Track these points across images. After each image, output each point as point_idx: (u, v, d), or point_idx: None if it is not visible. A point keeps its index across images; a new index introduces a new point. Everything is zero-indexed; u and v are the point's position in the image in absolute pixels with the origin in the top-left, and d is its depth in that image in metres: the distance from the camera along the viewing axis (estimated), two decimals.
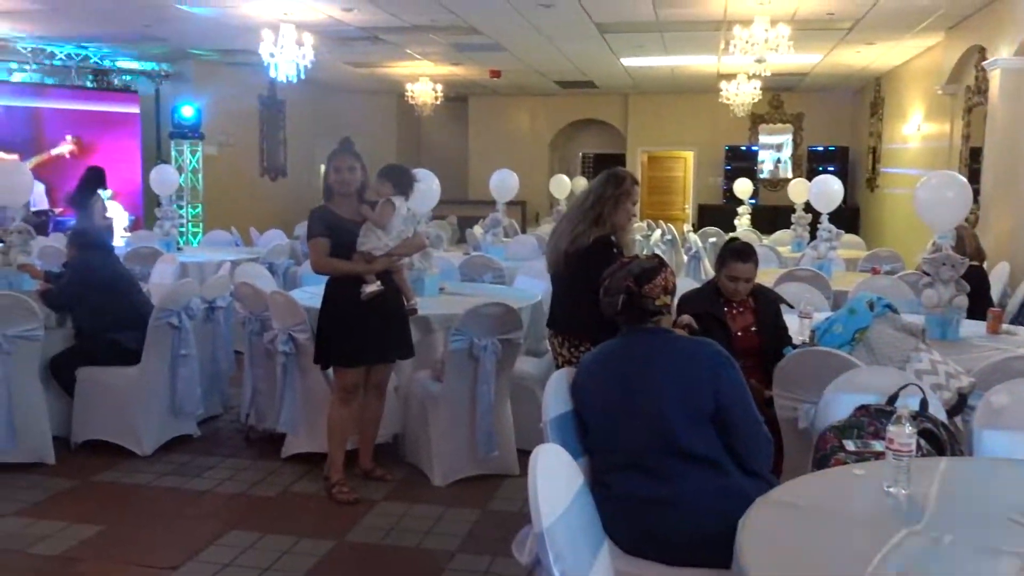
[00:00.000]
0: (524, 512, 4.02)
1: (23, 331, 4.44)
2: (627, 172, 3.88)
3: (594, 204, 3.72)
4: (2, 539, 3.74)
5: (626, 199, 3.74)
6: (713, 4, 8.19)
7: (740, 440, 2.47)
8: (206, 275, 6.41)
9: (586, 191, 3.87)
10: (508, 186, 8.40)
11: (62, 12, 8.61)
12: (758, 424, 2.52)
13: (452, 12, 8.62)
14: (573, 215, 3.79)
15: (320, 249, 4.04)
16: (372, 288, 4.04)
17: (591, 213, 3.70)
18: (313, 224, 4.09)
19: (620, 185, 3.74)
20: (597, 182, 3.81)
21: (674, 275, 2.69)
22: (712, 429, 2.45)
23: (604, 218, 3.69)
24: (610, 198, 3.71)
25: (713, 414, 2.44)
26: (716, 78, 12.43)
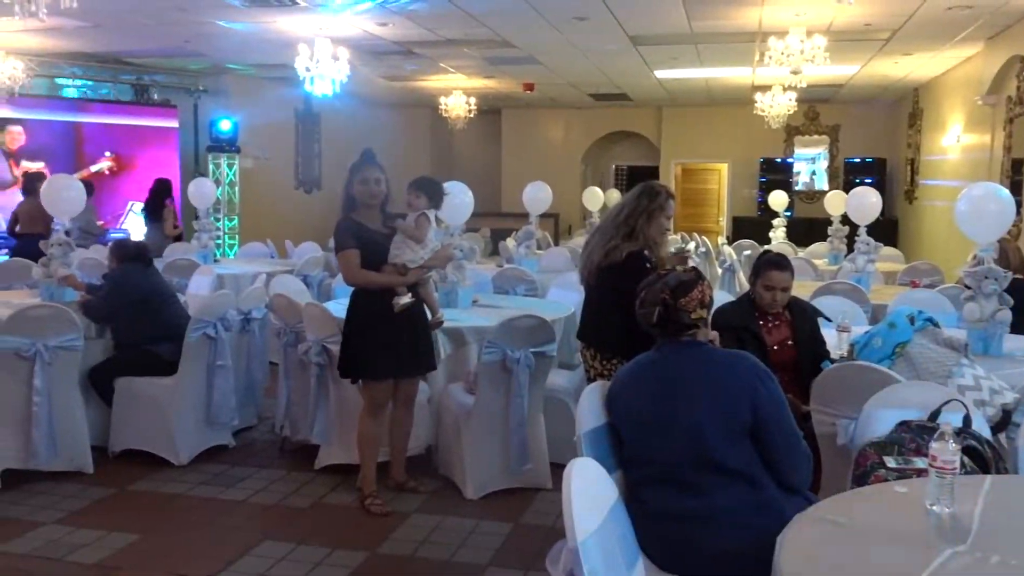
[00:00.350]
0: (557, 526, 4.01)
1: (63, 341, 4.51)
2: (663, 186, 3.83)
3: (627, 217, 3.68)
4: (42, 547, 3.79)
5: (660, 213, 3.69)
6: (748, 15, 8.14)
7: (778, 455, 2.43)
8: (242, 287, 6.47)
9: (620, 204, 3.83)
10: (541, 199, 8.40)
11: (104, 28, 8.78)
12: (797, 439, 2.48)
13: (486, 26, 8.67)
14: (606, 229, 3.75)
15: (352, 261, 4.02)
16: (405, 300, 4.05)
17: (624, 227, 3.66)
18: (342, 236, 4.06)
19: (655, 199, 3.69)
20: (631, 195, 3.77)
21: (711, 288, 2.66)
22: (750, 443, 2.41)
23: (637, 232, 3.65)
24: (644, 211, 3.67)
25: (751, 428, 2.40)
26: (751, 90, 12.34)
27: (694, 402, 2.42)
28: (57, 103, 10.88)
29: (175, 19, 8.42)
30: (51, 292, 5.39)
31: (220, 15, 8.17)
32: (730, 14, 8.14)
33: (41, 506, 4.24)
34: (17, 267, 7.06)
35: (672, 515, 2.36)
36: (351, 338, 4.14)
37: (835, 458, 3.07)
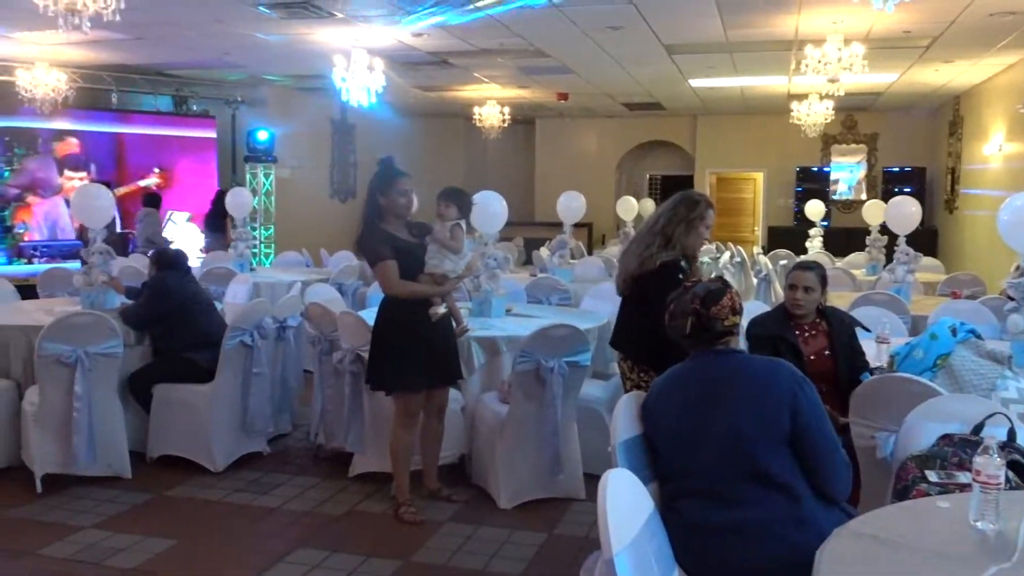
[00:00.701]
0: (591, 537, 3.98)
1: (104, 348, 4.58)
2: (702, 195, 3.77)
3: (664, 226, 3.62)
4: (80, 551, 3.84)
5: (700, 223, 3.62)
6: (784, 24, 8.08)
7: (818, 463, 2.39)
8: (278, 295, 6.54)
9: (657, 213, 3.77)
10: (575, 208, 8.39)
11: (145, 41, 8.94)
12: (836, 446, 2.44)
13: (520, 36, 8.69)
14: (643, 237, 3.70)
15: (392, 272, 3.99)
16: (442, 310, 4.07)
17: (661, 236, 3.60)
18: (378, 247, 4.02)
19: (694, 208, 3.63)
20: (669, 204, 3.71)
21: (739, 295, 2.65)
22: (789, 452, 2.38)
23: (675, 241, 3.58)
24: (682, 220, 3.61)
25: (790, 436, 2.37)
26: (787, 98, 12.24)
27: (732, 410, 2.40)
28: (99, 114, 11.09)
29: (214, 31, 8.55)
30: (92, 300, 5.48)
31: (258, 27, 8.28)
32: (766, 22, 8.09)
33: (80, 510, 4.30)
34: (59, 275, 7.19)
35: (708, 527, 2.33)
36: (384, 351, 4.12)
37: (875, 471, 3.02)
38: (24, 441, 4.60)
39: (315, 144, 13.76)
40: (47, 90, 9.54)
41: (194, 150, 11.92)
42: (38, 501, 4.40)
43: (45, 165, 10.63)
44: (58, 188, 10.63)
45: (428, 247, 4.12)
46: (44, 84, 9.53)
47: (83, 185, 7.02)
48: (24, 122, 10.26)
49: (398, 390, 4.15)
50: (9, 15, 7.58)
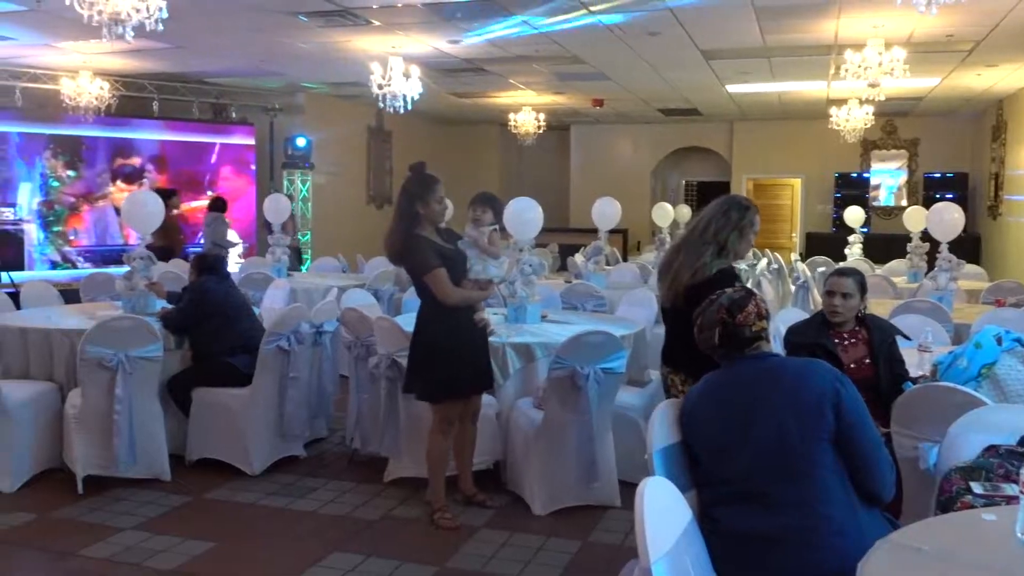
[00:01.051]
0: (626, 545, 3.96)
1: (144, 352, 4.64)
2: (749, 200, 3.62)
3: (716, 233, 3.41)
4: (121, 552, 3.90)
5: (750, 229, 3.46)
6: (824, 28, 8.00)
7: (862, 461, 2.36)
8: (314, 300, 6.58)
9: (703, 220, 3.51)
10: (610, 214, 8.37)
11: (186, 50, 9.08)
12: (880, 445, 2.42)
13: (556, 42, 8.69)
14: (693, 246, 3.45)
15: (445, 280, 3.97)
16: (484, 316, 4.09)
17: (714, 243, 3.40)
18: (425, 255, 3.99)
19: (745, 213, 3.45)
20: (716, 210, 3.48)
21: (764, 301, 2.66)
22: (833, 450, 2.35)
23: (728, 248, 3.40)
24: (735, 227, 3.41)
25: (834, 434, 2.35)
26: (826, 103, 12.11)
27: (774, 411, 2.38)
28: (141, 122, 11.27)
29: (253, 40, 8.66)
30: (133, 304, 5.56)
31: (297, 35, 8.38)
32: (805, 27, 8.00)
33: (120, 512, 4.37)
34: (101, 279, 7.31)
35: (749, 535, 2.30)
36: (433, 360, 4.07)
37: (917, 483, 2.97)
38: (66, 443, 4.68)
39: (352, 151, 13.88)
40: (90, 98, 9.73)
41: (234, 157, 12.08)
42: (80, 502, 4.47)
43: (93, 173, 10.83)
44: (107, 195, 10.82)
45: (468, 253, 4.14)
46: (88, 92, 9.72)
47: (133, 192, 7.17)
48: (68, 130, 10.46)
49: (448, 399, 4.13)
50: (54, 25, 7.75)
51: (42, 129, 10.45)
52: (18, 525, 4.20)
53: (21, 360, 5.01)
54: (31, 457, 4.72)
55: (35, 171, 10.36)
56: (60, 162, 10.56)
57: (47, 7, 6.96)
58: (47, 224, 10.36)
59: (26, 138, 10.31)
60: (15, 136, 10.20)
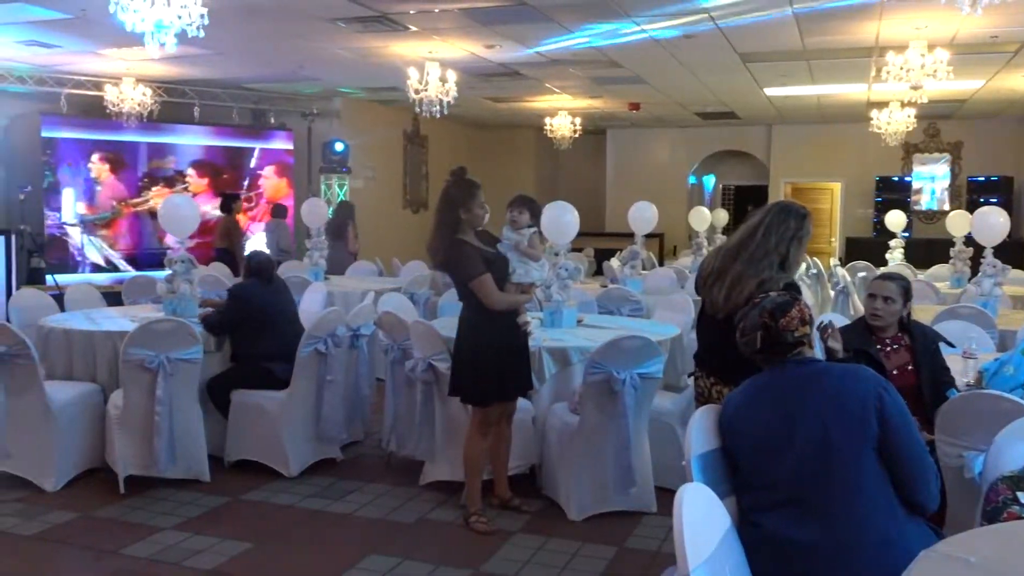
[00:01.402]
0: (662, 551, 3.93)
1: (184, 354, 4.70)
2: (803, 206, 3.40)
3: (778, 244, 3.24)
4: (161, 551, 3.94)
5: (807, 238, 3.30)
6: (865, 30, 7.89)
7: (907, 470, 2.32)
8: (351, 304, 6.62)
9: (759, 227, 3.29)
10: (647, 218, 8.32)
11: (226, 56, 9.20)
12: (924, 451, 2.37)
13: (592, 46, 8.67)
14: (753, 257, 3.24)
15: (492, 285, 4.00)
16: (528, 318, 4.09)
17: (776, 255, 3.22)
18: (471, 261, 4.01)
19: (803, 223, 3.28)
20: (774, 218, 3.27)
21: (808, 306, 2.62)
22: (876, 458, 2.31)
23: (790, 260, 3.24)
24: (794, 237, 3.25)
25: (878, 441, 2.31)
26: (866, 106, 11.95)
27: (817, 416, 2.34)
28: (182, 127, 11.44)
29: (292, 46, 8.75)
30: (173, 307, 5.63)
31: (335, 41, 8.45)
32: (845, 29, 7.90)
33: (161, 512, 4.42)
34: (143, 282, 7.42)
35: (792, 543, 2.26)
36: (477, 363, 4.09)
37: (962, 492, 2.90)
38: (108, 443, 4.75)
39: (388, 155, 13.97)
40: (133, 104, 9.90)
41: (272, 161, 12.21)
42: (121, 502, 4.54)
43: (135, 177, 11.01)
44: (149, 199, 11.00)
45: (509, 256, 4.15)
46: (131, 99, 9.89)
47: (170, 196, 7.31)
48: (111, 135, 10.65)
49: (493, 401, 4.15)
50: (99, 33, 7.89)
51: (86, 135, 10.66)
52: (61, 523, 4.27)
53: (65, 361, 5.10)
54: (74, 457, 4.80)
55: (80, 176, 10.56)
56: (104, 167, 10.75)
57: (92, 16, 7.09)
58: (91, 228, 10.55)
59: (71, 143, 10.51)
60: (61, 142, 10.40)
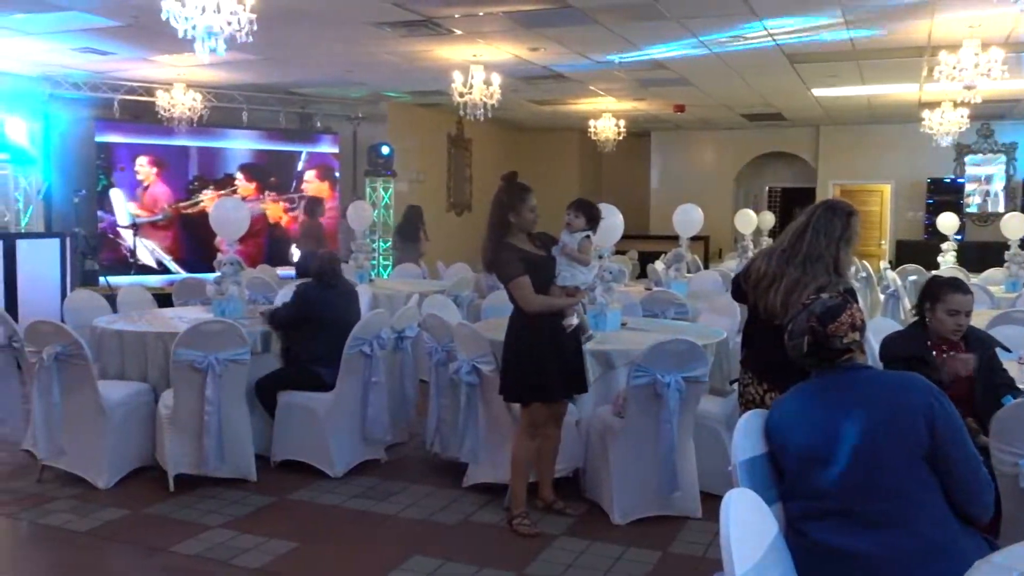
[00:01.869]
0: (707, 557, 3.89)
1: (233, 355, 4.77)
2: (848, 203, 3.36)
3: (828, 246, 3.20)
4: (209, 549, 4.01)
5: (856, 238, 3.24)
6: (916, 29, 7.73)
7: (958, 481, 2.26)
8: (396, 306, 6.67)
9: (807, 231, 3.24)
10: (692, 221, 8.25)
11: (274, 61, 9.32)
12: (977, 462, 2.30)
13: (638, 48, 8.62)
14: (807, 260, 3.20)
15: (528, 288, 4.03)
16: (575, 321, 4.09)
17: (828, 257, 3.19)
18: (510, 264, 4.05)
19: (850, 220, 3.24)
20: (822, 219, 3.23)
21: (861, 311, 2.52)
22: (927, 469, 2.25)
23: (842, 264, 3.20)
24: (842, 238, 3.21)
25: (928, 450, 2.25)
26: (917, 107, 11.72)
27: (865, 425, 2.29)
28: (231, 131, 11.62)
29: (339, 50, 8.84)
30: (222, 308, 5.73)
31: (380, 45, 8.52)
32: (896, 28, 7.76)
33: (209, 510, 4.49)
34: (193, 284, 7.56)
35: (841, 552, 2.21)
36: (520, 362, 4.13)
37: (1017, 501, 2.83)
38: (159, 442, 4.84)
39: (432, 158, 14.04)
40: (184, 109, 10.08)
41: (318, 165, 12.35)
42: (170, 500, 4.62)
43: (186, 181, 11.21)
44: (199, 202, 11.19)
45: (557, 260, 4.14)
46: (181, 104, 10.07)
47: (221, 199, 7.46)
48: (163, 140, 10.86)
49: (534, 401, 4.17)
50: (151, 40, 8.05)
51: (139, 139, 10.87)
52: (112, 520, 4.37)
53: (118, 362, 5.22)
54: (126, 455, 4.90)
55: (133, 179, 10.78)
56: (155, 171, 10.96)
57: (144, 23, 7.24)
58: (143, 231, 10.77)
59: (124, 148, 10.73)
60: (114, 146, 10.64)
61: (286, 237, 11.92)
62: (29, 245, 8.58)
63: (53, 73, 9.81)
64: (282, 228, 11.97)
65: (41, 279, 8.56)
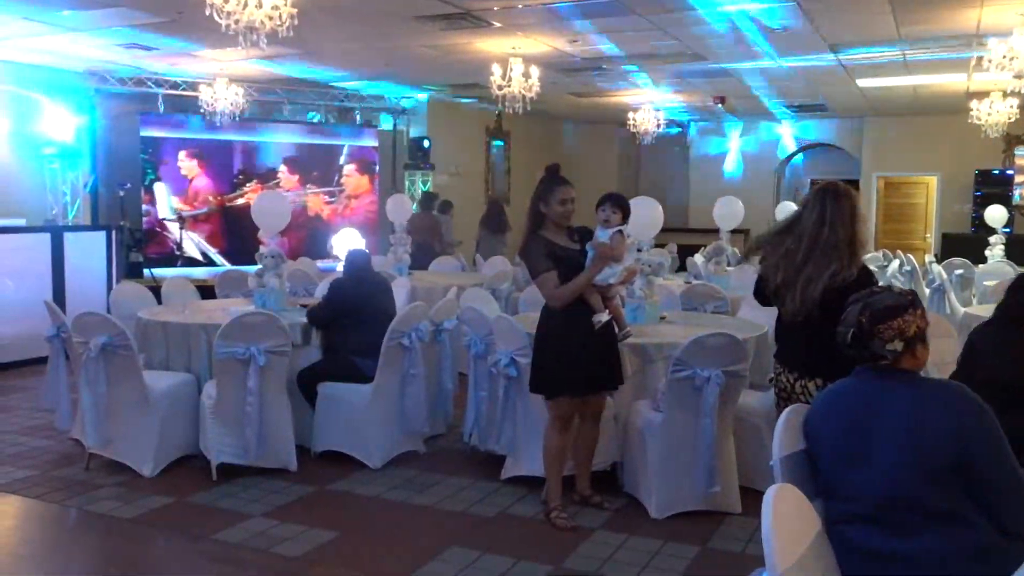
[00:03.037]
0: (747, 553, 3.85)
1: (274, 346, 4.83)
2: (838, 184, 3.36)
3: (845, 234, 3.23)
4: (251, 538, 4.06)
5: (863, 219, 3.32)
6: (965, 17, 7.56)
7: (996, 497, 2.17)
8: (434, 299, 6.70)
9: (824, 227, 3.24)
10: (733, 213, 8.17)
11: (315, 54, 9.40)
12: (1018, 482, 2.19)
13: (677, 39, 8.55)
14: (823, 251, 3.22)
15: (549, 283, 4.05)
16: (604, 318, 4.06)
17: (844, 245, 3.20)
18: (536, 259, 4.07)
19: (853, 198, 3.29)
20: (832, 208, 3.24)
21: (924, 319, 2.37)
22: (959, 484, 2.16)
23: (859, 245, 3.24)
24: (856, 218, 3.26)
25: (962, 468, 2.15)
26: (965, 97, 11.47)
27: (890, 437, 2.21)
28: (272, 125, 11.74)
29: (379, 45, 8.88)
30: (263, 300, 5.79)
31: (419, 39, 8.54)
32: (944, 17, 7.59)
33: (250, 499, 4.56)
34: (235, 276, 7.66)
35: (877, 554, 2.16)
36: (543, 355, 4.17)
37: None
38: (202, 431, 4.91)
39: (471, 151, 14.06)
40: (226, 103, 10.21)
41: (358, 158, 12.44)
42: (213, 488, 4.69)
43: (229, 174, 11.36)
44: (242, 195, 11.33)
45: (588, 256, 4.11)
46: (223, 98, 10.19)
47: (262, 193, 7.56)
48: (206, 134, 11.00)
49: (554, 395, 4.17)
50: (195, 35, 8.16)
51: (182, 133, 11.03)
52: (157, 508, 4.45)
53: (162, 352, 5.31)
54: (170, 444, 4.99)
55: (176, 173, 10.94)
56: (199, 164, 11.12)
57: (187, 18, 7.33)
58: (186, 223, 10.93)
59: (168, 142, 10.90)
60: (158, 140, 10.80)
61: (327, 230, 12.02)
62: (76, 238, 8.75)
63: (99, 69, 10.00)
64: (323, 221, 12.08)
65: (87, 271, 8.73)
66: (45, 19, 7.57)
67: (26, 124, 9.60)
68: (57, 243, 8.46)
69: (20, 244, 8.28)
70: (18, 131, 9.59)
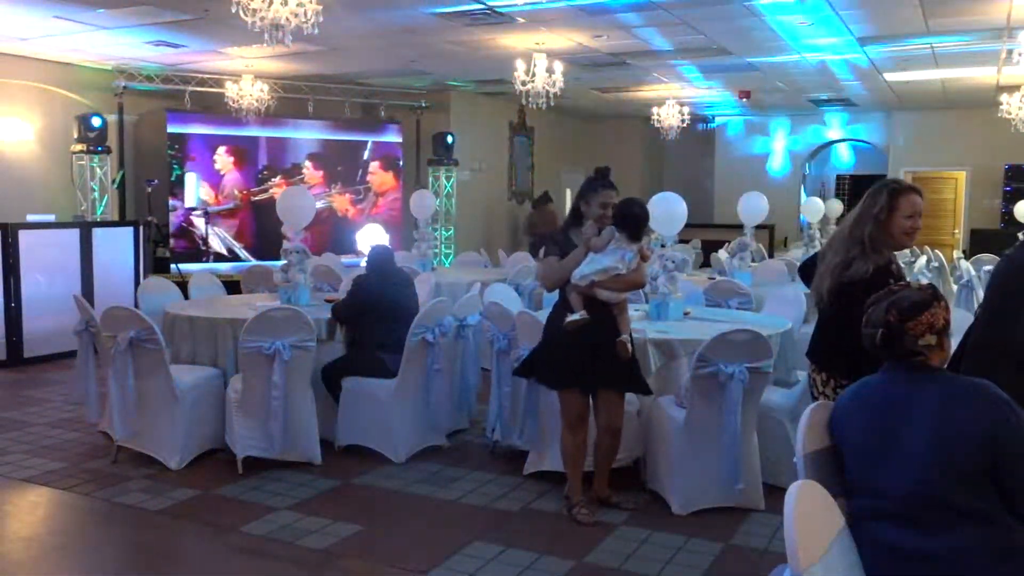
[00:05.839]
0: (770, 550, 3.84)
1: (298, 341, 4.87)
2: (897, 181, 3.33)
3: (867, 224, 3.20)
4: (276, 530, 4.11)
5: (895, 213, 3.19)
6: (994, 9, 7.46)
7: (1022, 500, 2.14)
8: (458, 295, 6.72)
9: (852, 213, 3.34)
10: (758, 209, 8.12)
11: (340, 52, 9.44)
12: None
13: (702, 34, 8.50)
14: (843, 243, 3.27)
15: (546, 265, 4.26)
16: (574, 317, 4.05)
17: (864, 237, 3.19)
18: (549, 247, 4.26)
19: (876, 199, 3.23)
20: (869, 203, 3.25)
21: (947, 310, 2.36)
22: (989, 484, 2.13)
23: (879, 242, 3.18)
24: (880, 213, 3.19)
25: (986, 467, 2.13)
26: (995, 91, 11.32)
27: (919, 436, 2.19)
28: (297, 122, 11.82)
29: (404, 41, 8.91)
30: (288, 296, 5.84)
31: (444, 35, 8.56)
32: (973, 9, 7.50)
33: (275, 492, 4.60)
34: (260, 272, 7.72)
35: (902, 552, 2.14)
36: (541, 346, 4.30)
37: None
38: (228, 425, 4.96)
39: (494, 147, 14.07)
40: (252, 100, 10.29)
41: (382, 154, 12.48)
42: (239, 481, 4.75)
43: (254, 170, 11.44)
44: (267, 191, 11.42)
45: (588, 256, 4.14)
46: (249, 95, 10.28)
47: (287, 189, 7.60)
48: (231, 130, 11.09)
49: (548, 385, 4.31)
50: (221, 33, 8.23)
51: (209, 129, 11.13)
52: (184, 500, 4.50)
53: (189, 347, 5.37)
54: (197, 437, 5.05)
55: (203, 169, 11.04)
56: (226, 160, 11.21)
57: (214, 16, 7.40)
58: (213, 219, 11.03)
59: (195, 138, 11.00)
60: (185, 136, 10.91)
61: (351, 226, 12.08)
62: (104, 233, 8.86)
63: (127, 66, 10.12)
64: (347, 217, 12.14)
65: (116, 266, 8.84)
66: (77, 17, 7.67)
67: (56, 121, 9.74)
68: (86, 239, 8.57)
69: (50, 240, 8.40)
70: (48, 128, 9.73)
